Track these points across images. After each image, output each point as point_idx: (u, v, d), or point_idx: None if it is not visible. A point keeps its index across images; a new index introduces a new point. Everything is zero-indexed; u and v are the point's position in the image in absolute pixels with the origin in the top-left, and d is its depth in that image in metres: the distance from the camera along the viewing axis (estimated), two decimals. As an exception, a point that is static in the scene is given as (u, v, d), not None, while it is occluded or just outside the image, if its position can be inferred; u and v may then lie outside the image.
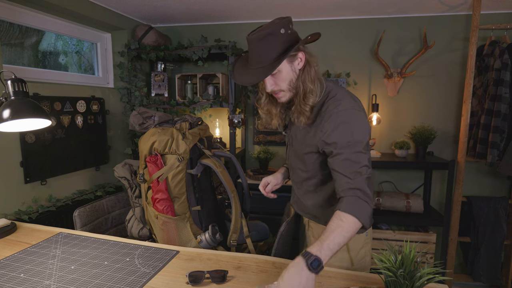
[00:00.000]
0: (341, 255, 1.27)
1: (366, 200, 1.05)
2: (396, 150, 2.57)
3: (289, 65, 1.15)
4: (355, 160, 1.08)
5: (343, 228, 1.00)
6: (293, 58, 1.15)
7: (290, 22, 1.13)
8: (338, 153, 1.09)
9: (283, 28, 1.10)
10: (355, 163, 1.08)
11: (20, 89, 1.29)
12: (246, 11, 2.53)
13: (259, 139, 2.96)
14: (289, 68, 1.15)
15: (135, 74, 2.66)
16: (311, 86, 1.15)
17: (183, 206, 1.51)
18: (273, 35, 1.10)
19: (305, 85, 1.15)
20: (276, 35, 1.10)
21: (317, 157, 1.21)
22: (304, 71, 1.16)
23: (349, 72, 2.73)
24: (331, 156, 1.12)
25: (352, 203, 1.04)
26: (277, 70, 1.14)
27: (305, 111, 1.16)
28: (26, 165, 1.87)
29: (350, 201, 1.04)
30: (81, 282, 1.08)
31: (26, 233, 1.48)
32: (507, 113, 2.25)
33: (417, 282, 0.86)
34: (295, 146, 1.30)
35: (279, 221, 1.58)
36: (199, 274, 1.09)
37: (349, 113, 1.12)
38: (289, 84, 1.17)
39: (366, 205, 1.05)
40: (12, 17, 1.90)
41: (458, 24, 2.55)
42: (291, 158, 1.36)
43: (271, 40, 1.10)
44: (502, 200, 2.47)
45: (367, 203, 1.05)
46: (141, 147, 1.53)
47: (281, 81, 1.16)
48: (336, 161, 1.10)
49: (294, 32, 1.15)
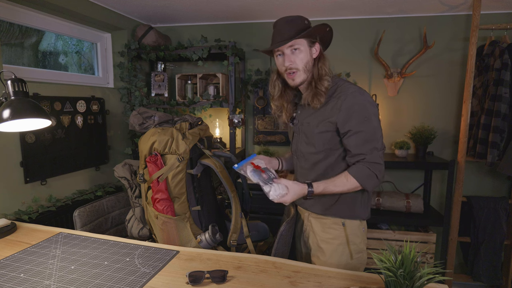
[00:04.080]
0: (342, 249, 1.36)
1: (374, 171, 1.23)
2: (396, 150, 2.57)
3: (308, 48, 1.30)
4: (371, 138, 1.24)
5: (345, 185, 1.26)
6: (312, 44, 1.31)
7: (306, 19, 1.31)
8: (358, 131, 1.24)
9: (306, 20, 1.30)
10: (371, 140, 1.24)
11: (20, 89, 1.29)
12: (246, 11, 2.53)
13: (259, 139, 2.95)
14: (308, 50, 1.31)
15: (135, 74, 2.66)
16: (326, 70, 1.31)
17: (183, 206, 1.51)
18: (298, 19, 1.29)
19: (321, 70, 1.31)
20: (300, 20, 1.29)
21: (331, 136, 1.31)
22: (320, 60, 1.32)
23: (349, 72, 2.73)
24: (348, 135, 1.26)
25: (362, 170, 1.24)
26: (297, 46, 1.28)
27: (322, 91, 1.29)
28: (26, 165, 1.87)
29: (360, 169, 1.24)
30: (81, 282, 1.08)
31: (26, 233, 1.48)
32: (507, 113, 2.25)
33: (417, 282, 0.85)
34: (305, 131, 1.38)
35: (279, 221, 1.58)
36: (199, 274, 1.09)
37: (361, 95, 1.26)
38: (305, 65, 1.31)
39: (373, 175, 1.23)
40: (12, 17, 1.90)
41: (458, 24, 2.55)
42: (299, 146, 1.43)
43: (296, 23, 1.28)
44: (502, 200, 2.47)
45: (374, 174, 1.23)
46: (141, 147, 1.54)
47: (299, 59, 1.30)
48: (354, 137, 1.24)
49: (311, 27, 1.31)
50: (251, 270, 1.17)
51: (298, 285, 1.07)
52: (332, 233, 1.38)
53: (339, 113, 1.25)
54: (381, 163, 1.24)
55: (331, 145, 1.31)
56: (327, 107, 1.29)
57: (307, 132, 1.36)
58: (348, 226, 1.37)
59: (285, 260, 1.24)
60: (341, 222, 1.36)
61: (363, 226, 1.41)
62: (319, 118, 1.31)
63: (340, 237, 1.36)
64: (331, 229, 1.38)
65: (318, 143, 1.32)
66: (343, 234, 1.36)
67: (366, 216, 1.40)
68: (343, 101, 1.25)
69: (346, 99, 1.25)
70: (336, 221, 1.37)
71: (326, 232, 1.39)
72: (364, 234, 1.41)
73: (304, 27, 1.28)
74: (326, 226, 1.39)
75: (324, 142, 1.31)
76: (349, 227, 1.37)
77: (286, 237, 1.46)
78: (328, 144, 1.31)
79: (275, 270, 1.17)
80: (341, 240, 1.36)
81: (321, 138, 1.31)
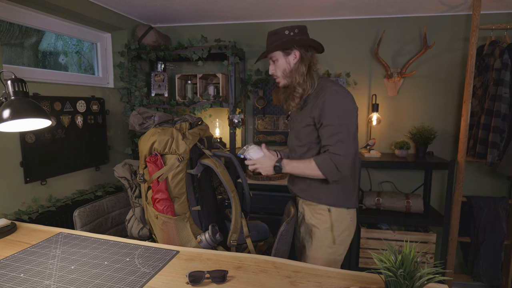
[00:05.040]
0: (325, 233, 1.50)
1: (333, 161, 1.35)
2: (396, 150, 2.57)
3: (284, 58, 1.47)
4: (338, 132, 1.35)
5: (307, 168, 1.41)
6: (288, 53, 1.46)
7: (297, 28, 1.45)
8: (327, 124, 1.37)
9: (287, 30, 1.45)
10: (338, 133, 1.35)
11: (20, 89, 1.29)
12: (246, 11, 2.53)
13: (259, 139, 2.95)
14: (284, 60, 1.48)
15: (135, 74, 2.66)
16: (299, 79, 1.45)
17: (183, 206, 1.51)
18: (280, 32, 1.45)
19: (294, 78, 1.46)
20: (280, 34, 1.45)
21: (312, 130, 1.45)
22: (298, 67, 1.46)
23: (349, 72, 2.73)
24: (322, 126, 1.39)
25: (323, 159, 1.37)
26: (275, 58, 1.49)
27: (295, 97, 1.47)
28: (26, 165, 1.87)
29: (323, 157, 1.38)
30: (81, 282, 1.08)
31: (26, 233, 1.48)
32: (507, 113, 2.24)
33: (417, 282, 0.86)
34: (295, 127, 1.55)
35: (279, 221, 1.58)
36: (199, 274, 1.09)
37: (337, 93, 1.39)
38: (283, 72, 1.49)
39: (332, 165, 1.35)
40: (12, 17, 1.90)
41: (458, 24, 2.55)
42: (290, 140, 1.61)
43: (276, 37, 1.46)
44: (502, 200, 2.47)
45: (334, 164, 1.35)
46: (141, 147, 1.54)
47: (277, 68, 1.50)
48: (324, 130, 1.38)
49: (297, 35, 1.44)
50: (251, 270, 1.17)
51: (298, 285, 1.07)
52: (319, 218, 1.51)
53: (317, 108, 1.40)
54: (341, 155, 1.34)
55: (312, 139, 1.46)
56: (310, 105, 1.45)
57: (295, 127, 1.54)
58: (334, 213, 1.49)
59: (285, 260, 1.24)
60: (327, 208, 1.49)
61: (350, 216, 1.52)
62: (303, 114, 1.48)
63: (326, 222, 1.49)
64: (318, 215, 1.51)
65: (302, 137, 1.49)
66: (328, 219, 1.49)
67: (352, 205, 1.52)
68: (322, 98, 1.39)
69: (325, 96, 1.39)
70: (323, 207, 1.50)
71: (315, 217, 1.52)
72: (351, 224, 1.53)
73: (282, 39, 1.44)
74: (315, 211, 1.52)
75: (306, 135, 1.47)
76: (334, 214, 1.49)
77: (286, 237, 1.46)
78: (309, 138, 1.47)
79: (275, 270, 1.17)
80: (327, 225, 1.49)
81: (304, 132, 1.48)
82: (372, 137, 2.74)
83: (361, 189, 2.81)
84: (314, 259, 1.50)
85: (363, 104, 2.76)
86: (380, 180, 2.82)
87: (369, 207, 2.57)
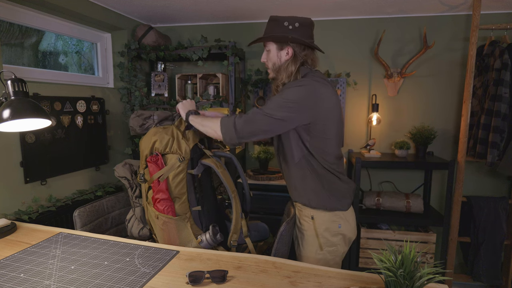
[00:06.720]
0: (312, 240, 1.45)
1: (235, 119, 1.32)
2: (396, 150, 2.57)
3: (276, 51, 1.40)
4: (267, 107, 1.31)
5: (212, 123, 1.37)
6: (282, 47, 1.38)
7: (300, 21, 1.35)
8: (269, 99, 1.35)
9: (287, 21, 1.35)
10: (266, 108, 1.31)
11: (20, 89, 1.29)
12: (246, 11, 2.53)
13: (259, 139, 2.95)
14: (276, 52, 1.40)
15: (135, 74, 2.66)
16: (285, 79, 1.38)
17: (184, 206, 1.51)
18: (277, 22, 1.36)
19: (281, 76, 1.39)
20: (279, 24, 1.36)
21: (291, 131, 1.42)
22: (288, 66, 1.38)
23: (349, 72, 2.73)
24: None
25: (229, 117, 1.35)
26: (268, 48, 1.42)
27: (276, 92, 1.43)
28: (26, 165, 1.87)
29: (226, 118, 1.35)
30: (81, 282, 1.08)
31: (26, 233, 1.48)
32: (507, 113, 2.25)
33: (417, 282, 0.86)
34: None
35: (279, 221, 1.58)
36: (199, 274, 1.09)
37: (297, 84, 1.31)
38: (273, 65, 1.43)
39: (231, 123, 1.32)
40: (12, 17, 1.90)
41: (458, 24, 2.55)
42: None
43: (275, 24, 1.37)
44: (502, 200, 2.47)
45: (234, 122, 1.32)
46: (142, 146, 1.54)
47: (269, 59, 1.44)
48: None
49: (296, 30, 1.35)
50: (251, 270, 1.17)
51: (298, 285, 1.07)
52: (304, 224, 1.48)
53: None
54: (249, 119, 1.30)
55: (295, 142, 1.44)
56: None
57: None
58: (317, 219, 1.44)
59: (285, 260, 1.24)
60: (310, 215, 1.45)
61: (339, 223, 1.44)
62: None
63: (310, 229, 1.46)
64: (304, 221, 1.49)
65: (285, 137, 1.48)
66: (312, 227, 1.46)
67: (345, 207, 1.44)
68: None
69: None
70: (308, 214, 1.46)
71: (301, 223, 1.50)
72: (340, 230, 1.44)
73: (277, 30, 1.36)
74: (301, 217, 1.50)
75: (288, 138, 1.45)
76: (317, 220, 1.44)
77: (286, 237, 1.46)
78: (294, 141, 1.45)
79: (275, 270, 1.17)
80: (311, 232, 1.46)
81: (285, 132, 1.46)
82: (372, 137, 2.74)
83: (361, 189, 2.81)
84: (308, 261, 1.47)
85: (363, 104, 2.76)
86: (380, 180, 2.82)
87: (369, 207, 2.57)
